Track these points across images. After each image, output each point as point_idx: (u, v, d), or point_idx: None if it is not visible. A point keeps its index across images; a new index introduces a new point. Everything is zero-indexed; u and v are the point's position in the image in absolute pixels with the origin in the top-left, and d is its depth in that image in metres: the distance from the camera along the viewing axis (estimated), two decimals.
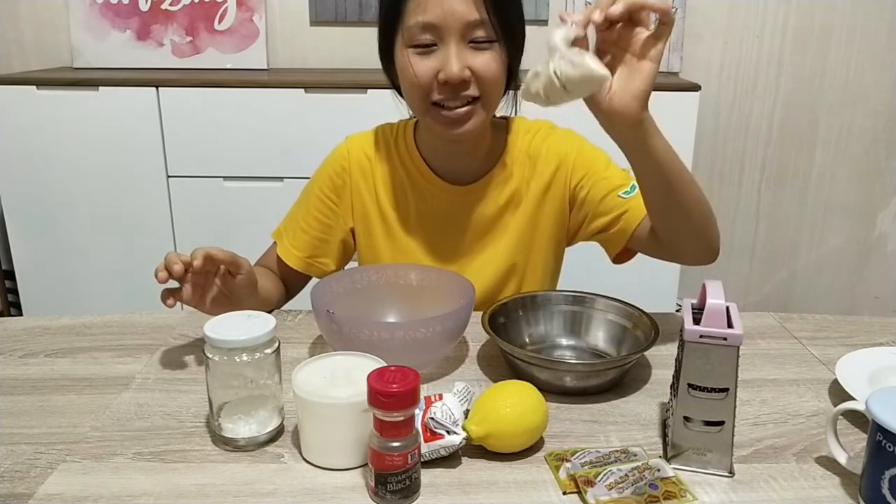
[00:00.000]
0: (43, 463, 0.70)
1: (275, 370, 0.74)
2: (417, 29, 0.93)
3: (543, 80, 0.76)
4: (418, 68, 0.95)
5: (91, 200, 2.02)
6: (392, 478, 0.63)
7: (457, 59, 0.93)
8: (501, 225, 1.10)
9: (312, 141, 1.97)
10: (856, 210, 2.49)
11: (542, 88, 0.77)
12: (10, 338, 0.98)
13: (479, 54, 0.94)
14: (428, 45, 0.94)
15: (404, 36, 0.95)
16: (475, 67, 0.94)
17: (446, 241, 1.10)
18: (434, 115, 0.98)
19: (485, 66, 0.95)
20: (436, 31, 0.93)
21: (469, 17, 0.92)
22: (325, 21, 2.27)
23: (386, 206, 1.10)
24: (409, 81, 0.97)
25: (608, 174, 1.05)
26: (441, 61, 0.94)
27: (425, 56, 0.95)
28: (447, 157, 1.09)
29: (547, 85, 0.76)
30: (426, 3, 0.92)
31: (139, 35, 2.22)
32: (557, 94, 0.77)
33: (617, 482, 0.65)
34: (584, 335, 0.95)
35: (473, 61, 0.94)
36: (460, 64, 0.93)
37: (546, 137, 1.10)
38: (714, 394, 0.67)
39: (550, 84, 0.76)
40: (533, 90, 0.78)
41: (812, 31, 2.31)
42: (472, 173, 1.09)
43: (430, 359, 0.88)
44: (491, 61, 0.95)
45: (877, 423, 0.61)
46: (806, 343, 0.98)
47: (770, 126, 2.39)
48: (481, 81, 0.95)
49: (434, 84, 0.95)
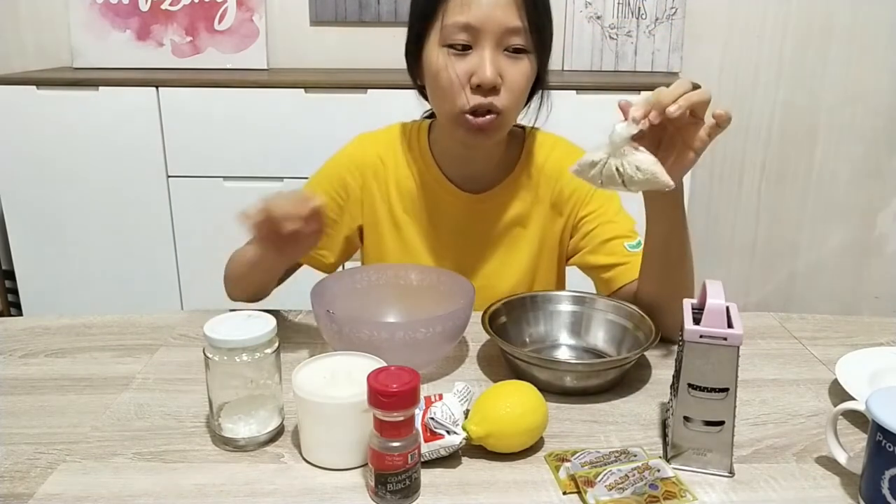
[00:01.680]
0: (43, 463, 0.70)
1: (275, 370, 0.74)
2: (456, 28, 0.93)
3: (602, 171, 0.79)
4: (453, 70, 0.94)
5: (91, 200, 2.02)
6: (392, 478, 0.63)
7: (491, 63, 0.92)
8: (512, 237, 1.10)
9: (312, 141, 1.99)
10: (856, 210, 2.49)
11: (601, 177, 0.79)
12: (10, 338, 0.98)
13: (512, 63, 0.94)
14: (463, 47, 0.94)
15: (441, 34, 0.94)
16: (507, 76, 0.94)
17: (456, 249, 1.10)
18: (461, 121, 0.96)
19: (517, 76, 0.95)
20: (474, 32, 0.92)
21: (509, 23, 0.92)
22: (325, 21, 2.27)
23: (397, 210, 1.10)
24: (439, 81, 0.95)
25: (618, 219, 1.06)
26: (475, 64, 0.93)
27: (460, 58, 0.94)
28: (462, 164, 1.08)
29: (607, 177, 0.79)
30: (469, 4, 0.92)
31: (139, 35, 2.22)
32: (615, 186, 0.80)
33: (617, 482, 0.65)
34: (584, 335, 0.95)
35: (507, 69, 0.94)
36: (494, 69, 0.92)
37: (565, 160, 1.08)
38: (714, 394, 0.67)
39: (610, 178, 0.79)
40: (588, 176, 0.80)
41: (812, 31, 2.31)
42: (486, 181, 1.09)
43: (430, 359, 0.88)
44: (523, 72, 0.95)
45: (877, 423, 0.61)
46: (806, 343, 0.98)
47: (770, 126, 2.39)
48: (510, 91, 0.95)
49: (465, 87, 0.94)
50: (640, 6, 2.24)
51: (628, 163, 0.77)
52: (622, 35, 2.26)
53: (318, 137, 1.92)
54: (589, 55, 2.28)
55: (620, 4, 2.24)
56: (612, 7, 2.24)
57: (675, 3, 2.23)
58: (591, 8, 2.25)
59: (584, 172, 0.80)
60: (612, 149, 0.78)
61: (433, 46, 0.96)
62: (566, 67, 2.29)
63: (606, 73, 2.27)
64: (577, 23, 2.26)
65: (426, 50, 0.97)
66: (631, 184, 0.78)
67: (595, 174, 0.79)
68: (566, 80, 2.05)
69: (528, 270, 1.10)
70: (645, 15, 2.25)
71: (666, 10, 2.24)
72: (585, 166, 0.80)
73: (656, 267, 0.93)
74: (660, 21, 2.25)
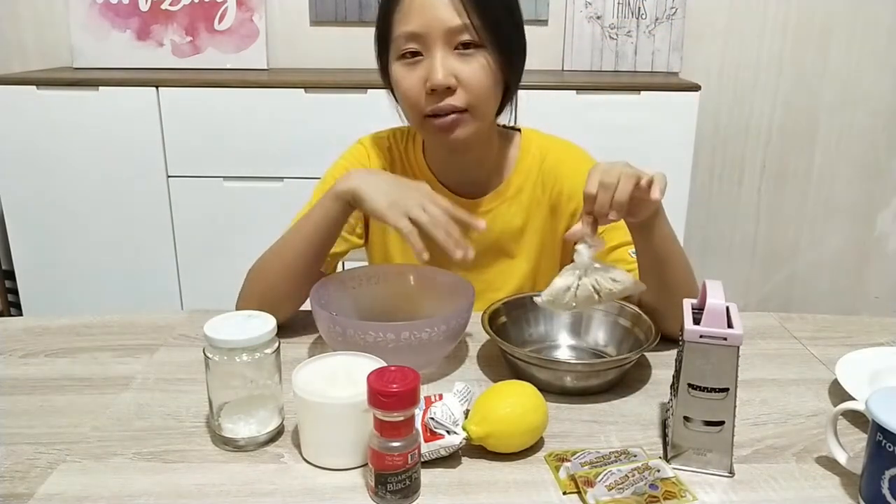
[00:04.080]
0: (43, 463, 0.70)
1: (275, 370, 0.74)
2: (403, 40, 0.94)
3: (577, 293, 0.80)
4: (408, 80, 0.96)
5: (91, 200, 2.02)
6: (392, 478, 0.63)
7: (441, 66, 0.93)
8: (511, 240, 1.10)
9: (312, 141, 1.99)
10: (856, 210, 2.49)
11: (575, 300, 0.80)
12: (10, 338, 0.98)
13: (465, 62, 0.94)
14: (414, 55, 0.95)
15: (393, 48, 0.97)
16: (461, 75, 0.94)
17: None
18: (426, 125, 0.98)
19: (471, 74, 0.94)
20: (420, 39, 0.94)
21: (451, 22, 0.92)
22: (325, 21, 2.27)
23: None
24: (401, 94, 0.98)
25: (622, 224, 1.05)
26: (427, 70, 0.94)
27: (413, 67, 0.95)
28: (454, 169, 1.08)
29: (582, 297, 0.80)
30: (409, 14, 0.93)
31: (139, 35, 2.22)
32: (589, 304, 0.81)
33: (617, 483, 0.65)
34: (584, 335, 0.95)
35: (460, 69, 0.94)
36: (445, 71, 0.93)
37: (562, 160, 1.09)
38: (714, 394, 0.67)
39: (587, 297, 0.80)
40: (563, 302, 0.81)
41: (812, 31, 2.31)
42: (481, 186, 1.08)
43: (430, 359, 0.88)
44: (478, 69, 0.95)
45: (877, 423, 0.61)
46: (806, 343, 0.98)
47: (770, 126, 2.39)
48: (468, 90, 0.95)
49: (423, 94, 0.95)
50: (640, 6, 2.24)
51: (603, 278, 0.80)
52: (622, 35, 2.26)
53: (318, 137, 1.93)
54: (589, 55, 2.28)
55: (620, 4, 2.24)
56: (612, 7, 2.24)
57: (675, 3, 2.23)
58: (591, 8, 2.25)
59: (558, 300, 0.81)
60: (583, 269, 0.80)
61: (393, 62, 0.98)
62: (566, 67, 2.29)
63: (606, 73, 2.27)
64: (577, 23, 2.26)
65: (391, 67, 0.99)
66: (608, 297, 0.81)
67: (570, 299, 0.80)
68: (566, 80, 2.05)
69: (528, 274, 1.10)
70: (645, 15, 2.25)
71: (666, 10, 2.24)
72: (559, 293, 0.81)
73: (651, 278, 0.92)
74: (660, 21, 2.25)
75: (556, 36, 2.28)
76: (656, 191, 0.80)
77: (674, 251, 0.92)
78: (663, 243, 0.90)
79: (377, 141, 1.12)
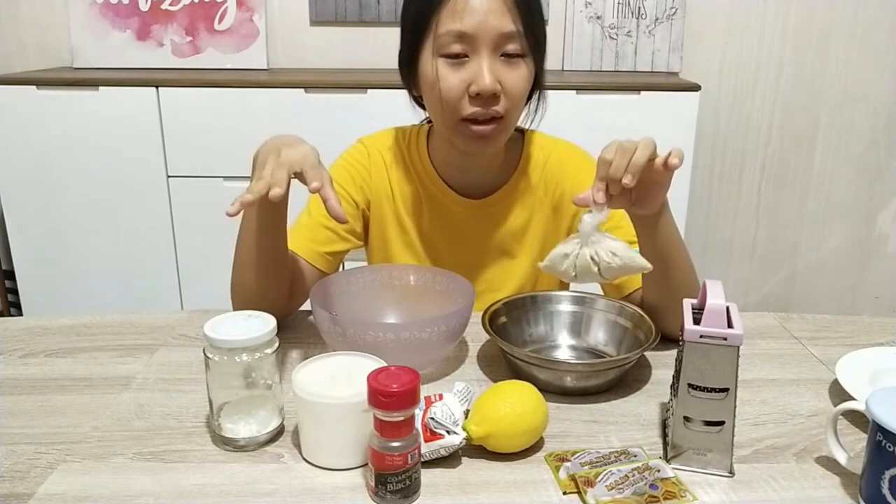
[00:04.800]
0: (43, 463, 0.70)
1: (275, 370, 0.74)
2: (450, 38, 0.92)
3: (576, 261, 0.79)
4: (449, 80, 0.93)
5: (91, 200, 2.02)
6: (392, 478, 0.63)
7: (489, 71, 0.92)
8: (514, 241, 1.10)
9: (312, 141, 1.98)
10: (856, 210, 2.49)
11: (575, 269, 0.79)
12: (10, 338, 0.98)
13: (510, 69, 0.94)
14: (459, 56, 0.93)
15: (435, 44, 0.93)
16: (506, 83, 0.93)
17: (458, 254, 1.10)
18: (462, 129, 0.96)
19: (516, 82, 0.94)
20: (469, 40, 0.92)
21: (504, 28, 0.91)
22: (325, 21, 2.27)
23: (402, 214, 1.10)
24: (437, 93, 0.95)
25: (624, 224, 1.05)
26: (472, 73, 0.92)
27: (456, 68, 0.93)
28: (461, 171, 1.08)
29: (581, 267, 0.79)
30: (462, 12, 0.91)
31: (139, 35, 2.22)
32: (590, 276, 0.79)
33: (617, 483, 0.65)
34: (584, 335, 0.95)
35: (505, 75, 0.93)
36: (493, 77, 0.92)
37: (565, 161, 1.09)
38: (714, 394, 0.67)
39: (585, 268, 0.78)
40: (561, 268, 0.80)
41: (812, 31, 2.31)
42: (486, 187, 1.08)
43: (430, 359, 0.88)
44: (519, 78, 0.94)
45: (877, 423, 0.61)
46: (806, 343, 0.98)
47: (770, 126, 2.39)
48: (510, 97, 0.94)
49: (464, 97, 0.94)
50: (640, 6, 2.24)
51: (602, 249, 0.78)
52: (622, 35, 2.26)
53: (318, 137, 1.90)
54: (589, 55, 2.28)
55: (620, 4, 2.24)
56: (612, 7, 2.24)
57: (675, 3, 2.23)
58: (591, 8, 2.25)
59: (556, 265, 0.80)
60: (584, 238, 0.78)
61: (427, 57, 0.95)
62: (566, 67, 2.29)
63: (606, 73, 2.27)
64: (577, 23, 2.26)
65: (421, 61, 0.96)
66: (607, 271, 0.79)
67: (568, 266, 0.80)
68: (566, 80, 2.05)
69: (529, 274, 1.10)
70: (645, 15, 2.25)
71: (666, 10, 2.24)
72: (557, 259, 0.80)
73: (654, 277, 0.92)
74: (660, 21, 2.25)
75: (556, 36, 2.28)
76: (675, 158, 0.79)
77: (678, 249, 0.91)
78: (668, 241, 0.90)
79: (378, 140, 1.12)
